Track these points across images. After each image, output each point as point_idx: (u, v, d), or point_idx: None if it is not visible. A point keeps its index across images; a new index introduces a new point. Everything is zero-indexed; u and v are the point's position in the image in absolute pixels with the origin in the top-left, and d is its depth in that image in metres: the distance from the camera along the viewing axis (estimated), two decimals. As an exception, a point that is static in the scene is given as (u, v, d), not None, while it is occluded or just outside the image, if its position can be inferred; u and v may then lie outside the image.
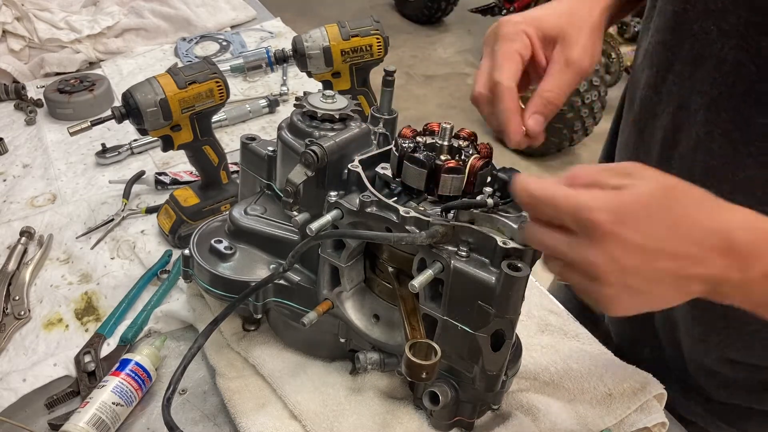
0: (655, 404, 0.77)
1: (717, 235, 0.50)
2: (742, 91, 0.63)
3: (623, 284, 0.51)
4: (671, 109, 0.71)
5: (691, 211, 0.51)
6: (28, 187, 1.22)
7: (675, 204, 0.51)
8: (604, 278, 0.51)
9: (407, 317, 0.67)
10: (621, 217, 0.50)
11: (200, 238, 0.82)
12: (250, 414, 0.75)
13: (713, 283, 0.51)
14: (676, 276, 0.51)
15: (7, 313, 0.94)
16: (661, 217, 0.50)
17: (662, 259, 0.50)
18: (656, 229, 0.50)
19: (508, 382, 0.72)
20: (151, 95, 0.94)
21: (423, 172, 0.65)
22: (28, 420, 0.80)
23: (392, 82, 0.77)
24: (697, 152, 0.69)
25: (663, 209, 0.51)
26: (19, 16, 1.61)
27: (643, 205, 0.51)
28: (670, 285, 0.51)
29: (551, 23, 0.69)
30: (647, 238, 0.50)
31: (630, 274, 0.51)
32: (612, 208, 0.50)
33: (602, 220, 0.49)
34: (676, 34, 0.69)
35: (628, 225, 0.50)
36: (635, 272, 0.51)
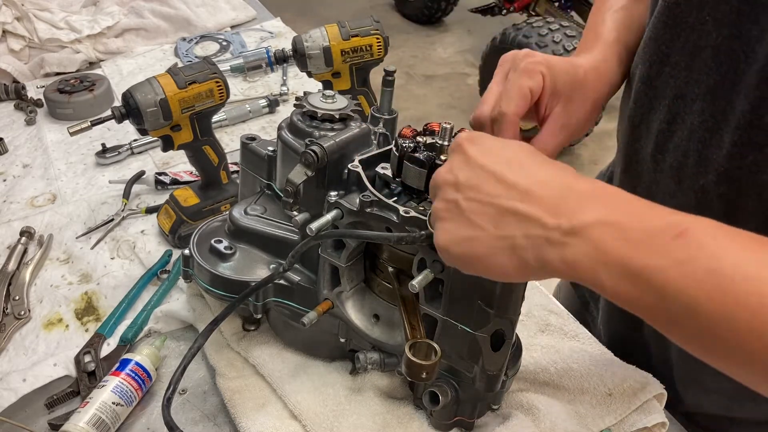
0: (655, 404, 0.77)
1: (558, 181, 0.49)
2: (735, 80, 0.64)
3: (452, 200, 0.52)
4: (667, 101, 0.72)
5: (547, 164, 0.52)
6: (28, 187, 1.22)
7: (535, 156, 0.53)
8: (440, 191, 0.53)
9: (407, 317, 0.67)
10: (475, 139, 0.54)
11: (200, 238, 0.82)
12: (250, 414, 0.75)
13: (538, 229, 0.47)
14: (497, 207, 0.49)
15: (7, 313, 0.94)
16: (511, 154, 0.52)
17: (490, 181, 0.51)
18: (499, 157, 0.52)
19: (508, 382, 0.72)
20: (151, 95, 0.94)
21: (423, 172, 0.65)
22: (28, 420, 0.80)
23: (392, 82, 0.77)
24: (690, 142, 0.69)
25: (519, 151, 0.53)
26: (19, 16, 1.61)
27: (504, 143, 0.54)
28: (490, 219, 0.49)
29: (565, 81, 0.70)
30: (485, 158, 0.52)
31: (459, 190, 0.51)
32: (475, 134, 0.55)
33: (460, 137, 0.55)
34: (670, 27, 0.70)
35: (477, 145, 0.53)
36: (463, 188, 0.51)
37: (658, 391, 0.77)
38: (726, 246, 0.43)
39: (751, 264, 0.42)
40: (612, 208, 0.47)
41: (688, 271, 0.42)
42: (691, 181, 0.70)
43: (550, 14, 3.52)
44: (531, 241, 0.48)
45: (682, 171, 0.71)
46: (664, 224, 0.44)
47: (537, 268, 0.49)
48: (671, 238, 0.43)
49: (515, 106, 0.66)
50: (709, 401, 0.83)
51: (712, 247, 0.42)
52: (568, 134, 0.71)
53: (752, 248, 0.43)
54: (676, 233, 0.43)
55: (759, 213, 0.65)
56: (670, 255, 0.43)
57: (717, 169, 0.66)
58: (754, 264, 0.42)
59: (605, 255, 0.45)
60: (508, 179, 0.50)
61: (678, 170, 0.71)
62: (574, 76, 0.71)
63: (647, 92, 0.75)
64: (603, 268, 0.45)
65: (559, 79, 0.70)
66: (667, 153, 0.73)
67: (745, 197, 0.65)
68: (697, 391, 0.84)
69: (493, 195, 0.50)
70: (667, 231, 0.44)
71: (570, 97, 0.71)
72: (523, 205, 0.49)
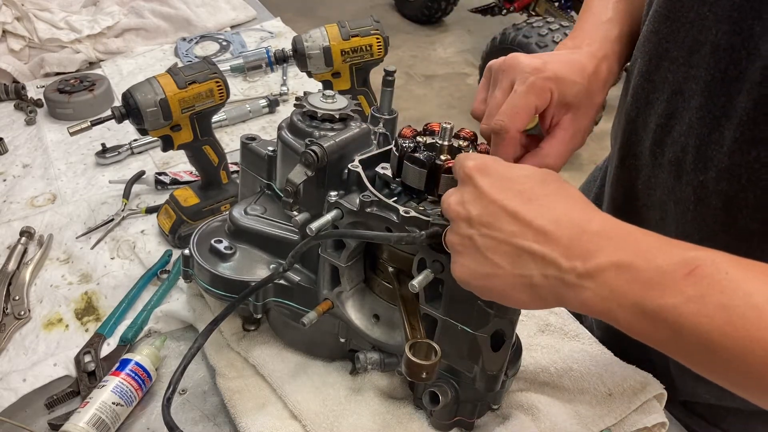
0: (655, 404, 0.77)
1: (571, 220, 0.49)
2: (735, 76, 0.64)
3: (466, 236, 0.51)
4: (666, 96, 0.72)
5: (558, 196, 0.51)
6: (28, 187, 1.22)
7: (547, 186, 0.52)
8: (453, 224, 0.52)
9: (407, 317, 0.67)
10: (485, 169, 0.52)
11: (200, 238, 0.82)
12: (250, 414, 0.75)
13: (555, 271, 0.48)
14: (514, 246, 0.49)
15: (7, 313, 0.94)
16: (523, 187, 0.51)
17: (504, 219, 0.50)
18: (511, 191, 0.51)
19: (508, 382, 0.72)
20: (151, 95, 0.94)
21: (423, 172, 0.65)
22: (28, 420, 0.80)
23: (392, 82, 0.77)
24: (689, 137, 0.69)
25: (530, 182, 0.52)
26: (19, 16, 1.61)
27: (515, 170, 0.53)
28: (507, 258, 0.50)
29: (574, 93, 0.70)
30: (496, 192, 0.51)
31: (473, 226, 0.51)
32: (484, 162, 0.53)
33: (468, 166, 0.53)
34: (670, 21, 0.70)
35: (488, 177, 0.52)
36: (477, 224, 0.50)
37: (658, 391, 0.77)
38: (738, 280, 0.43)
39: (764, 297, 0.42)
40: (624, 249, 0.47)
41: (701, 307, 0.43)
42: (690, 177, 0.70)
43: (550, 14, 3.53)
44: (548, 281, 0.49)
45: (681, 167, 0.71)
46: (676, 262, 0.45)
47: (555, 304, 0.50)
48: (683, 276, 0.44)
49: (519, 121, 0.66)
50: (705, 390, 0.84)
51: (724, 283, 0.43)
52: (579, 141, 0.72)
53: (766, 280, 0.43)
54: (688, 271, 0.44)
55: (762, 208, 0.64)
56: (682, 293, 0.43)
57: (717, 165, 0.66)
58: (766, 297, 0.42)
59: (620, 297, 0.46)
60: (523, 217, 0.49)
61: (677, 166, 0.71)
62: (581, 86, 0.70)
63: (645, 87, 0.75)
64: (618, 309, 0.46)
65: (568, 92, 0.69)
66: (666, 148, 0.73)
67: (746, 193, 0.65)
68: (693, 380, 0.84)
69: (508, 233, 0.50)
70: (679, 269, 0.44)
71: (579, 105, 0.71)
72: (539, 246, 0.49)
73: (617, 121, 0.87)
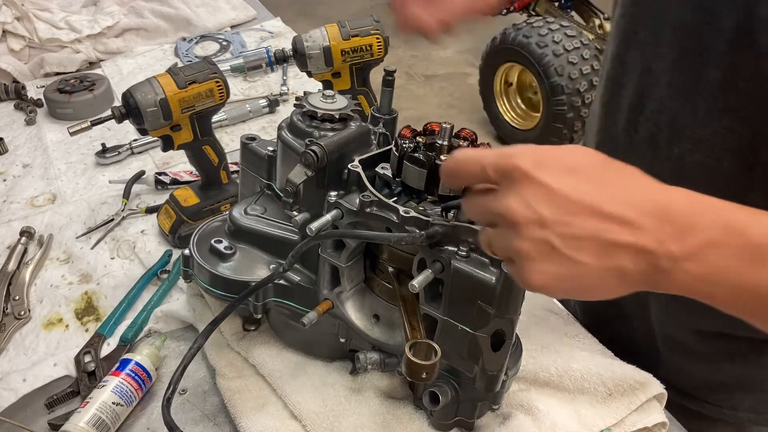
0: (655, 404, 0.77)
1: (652, 202, 0.46)
2: (700, 50, 0.65)
3: (540, 239, 0.46)
4: (636, 76, 0.74)
5: (626, 177, 0.49)
6: (28, 187, 1.22)
7: (609, 167, 0.49)
8: (520, 229, 0.47)
9: (407, 317, 0.67)
10: (543, 162, 0.47)
11: (200, 238, 0.82)
12: (250, 414, 0.75)
13: (647, 257, 0.46)
14: (600, 241, 0.46)
15: (7, 313, 0.94)
16: (588, 173, 0.48)
17: (583, 215, 0.46)
18: (579, 181, 0.47)
19: (508, 382, 0.72)
20: (151, 95, 0.94)
21: (423, 172, 0.64)
22: (28, 420, 0.80)
23: (392, 82, 0.77)
24: (661, 114, 0.70)
25: (593, 166, 0.48)
26: (19, 16, 1.61)
27: (570, 155, 0.48)
28: (593, 254, 0.46)
29: None
30: (567, 186, 0.46)
31: (547, 227, 0.46)
32: (535, 153, 0.48)
33: (521, 163, 0.47)
34: (636, 5, 0.73)
35: (550, 170, 0.47)
36: (552, 224, 0.46)
37: (658, 391, 0.77)
38: None
39: None
40: (715, 225, 0.46)
41: None
42: (666, 151, 0.72)
43: (550, 14, 3.52)
44: (640, 269, 0.46)
45: (656, 142, 0.72)
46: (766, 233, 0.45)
47: (646, 288, 0.48)
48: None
49: None
50: (691, 365, 0.85)
51: None
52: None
53: None
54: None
55: (737, 176, 0.65)
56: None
57: (691, 136, 0.68)
58: None
59: (717, 275, 0.45)
60: (602, 209, 0.46)
61: (652, 142, 0.73)
62: None
63: (617, 69, 0.77)
64: (716, 288, 0.46)
65: None
66: (639, 126, 0.74)
67: (721, 162, 0.67)
68: (680, 355, 0.86)
69: (590, 229, 0.46)
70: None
71: None
72: (627, 236, 0.46)
73: (591, 111, 0.88)
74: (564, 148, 0.50)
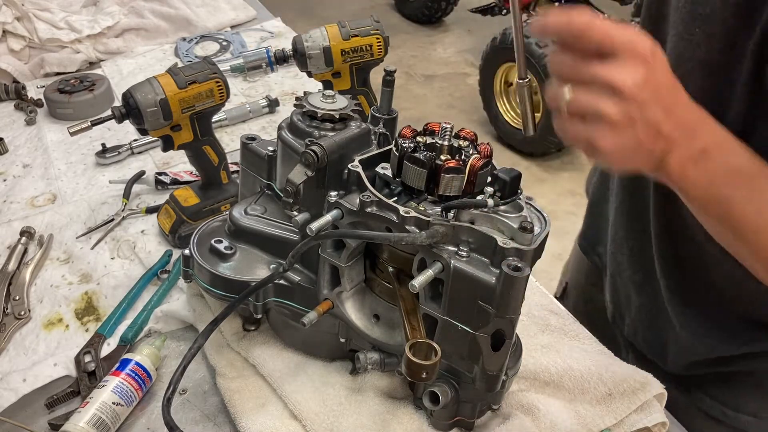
0: (655, 404, 0.77)
1: (688, 121, 0.60)
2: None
3: (629, 113, 0.56)
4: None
5: (681, 94, 0.61)
6: (28, 187, 1.22)
7: (678, 89, 0.61)
8: (623, 97, 0.56)
9: (407, 317, 0.67)
10: (657, 57, 0.58)
11: (200, 238, 0.82)
12: (250, 414, 0.75)
13: (667, 147, 0.59)
14: (657, 131, 0.58)
15: (7, 313, 0.94)
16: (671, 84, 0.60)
17: (660, 109, 0.58)
18: (664, 83, 0.59)
19: (508, 382, 0.72)
20: (151, 95, 0.94)
21: (423, 172, 0.65)
22: (28, 420, 0.80)
23: (392, 82, 0.77)
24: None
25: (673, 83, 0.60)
26: (19, 16, 1.61)
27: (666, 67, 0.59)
28: (649, 138, 0.58)
29: None
30: (663, 86, 0.58)
31: (640, 107, 0.56)
32: (654, 47, 0.58)
33: (648, 49, 0.57)
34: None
35: (659, 66, 0.58)
36: (643, 106, 0.56)
37: (658, 391, 0.77)
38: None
39: None
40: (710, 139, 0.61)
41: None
42: None
43: (550, 14, 3.52)
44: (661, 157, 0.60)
45: None
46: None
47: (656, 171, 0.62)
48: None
49: None
50: (701, 342, 0.88)
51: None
52: None
53: None
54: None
55: None
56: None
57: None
58: None
59: (702, 177, 0.61)
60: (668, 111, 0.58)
61: None
62: None
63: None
64: (697, 189, 0.62)
65: None
66: None
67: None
68: (691, 331, 0.87)
69: (657, 122, 0.58)
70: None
71: None
72: (668, 134, 0.58)
73: None
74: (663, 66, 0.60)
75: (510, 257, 0.60)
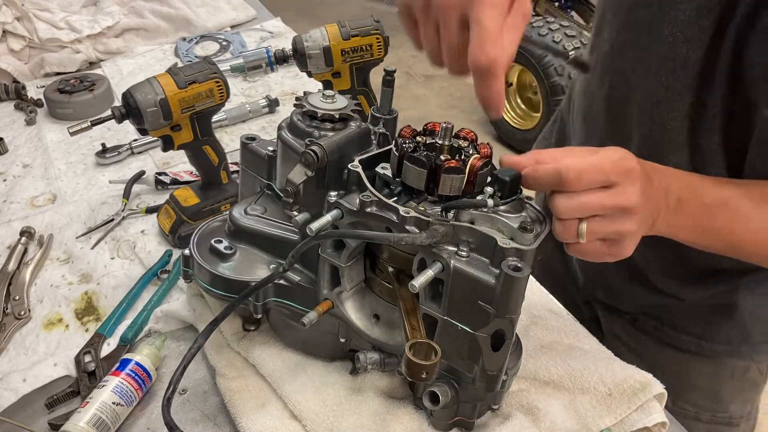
0: (655, 404, 0.77)
1: (662, 182, 0.68)
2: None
3: (641, 216, 0.64)
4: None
5: (655, 177, 0.67)
6: (28, 187, 1.22)
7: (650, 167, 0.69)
8: (633, 214, 0.63)
9: (407, 317, 0.67)
10: (642, 167, 0.65)
11: (200, 238, 0.82)
12: (250, 414, 0.75)
13: (656, 216, 0.67)
14: (647, 219, 0.66)
15: (7, 313, 0.94)
16: (648, 171, 0.67)
17: (652, 200, 0.66)
18: (649, 178, 0.66)
19: (508, 382, 0.72)
20: (151, 95, 0.94)
21: (423, 172, 0.65)
22: (28, 420, 0.80)
23: (392, 82, 0.77)
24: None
25: (647, 167, 0.67)
26: (19, 16, 1.61)
27: (639, 161, 0.66)
28: (643, 225, 0.66)
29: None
30: (647, 182, 0.65)
31: (643, 209, 0.64)
32: (633, 157, 0.65)
33: (636, 166, 0.64)
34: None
35: (642, 171, 0.65)
36: (643, 207, 0.64)
37: (658, 391, 0.77)
38: (750, 208, 0.72)
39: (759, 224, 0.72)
40: (682, 190, 0.69)
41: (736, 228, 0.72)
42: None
43: (550, 14, 3.52)
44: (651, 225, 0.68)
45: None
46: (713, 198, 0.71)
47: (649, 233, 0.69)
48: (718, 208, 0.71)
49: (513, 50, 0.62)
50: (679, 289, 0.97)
51: (746, 212, 0.72)
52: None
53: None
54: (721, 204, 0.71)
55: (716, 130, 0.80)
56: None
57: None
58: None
59: (685, 221, 0.71)
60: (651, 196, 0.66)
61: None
62: None
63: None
64: (684, 231, 0.72)
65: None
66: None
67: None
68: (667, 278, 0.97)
69: (649, 212, 0.66)
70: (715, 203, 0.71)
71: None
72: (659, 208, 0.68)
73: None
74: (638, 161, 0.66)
75: (510, 257, 0.60)
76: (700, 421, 1.02)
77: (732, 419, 1.03)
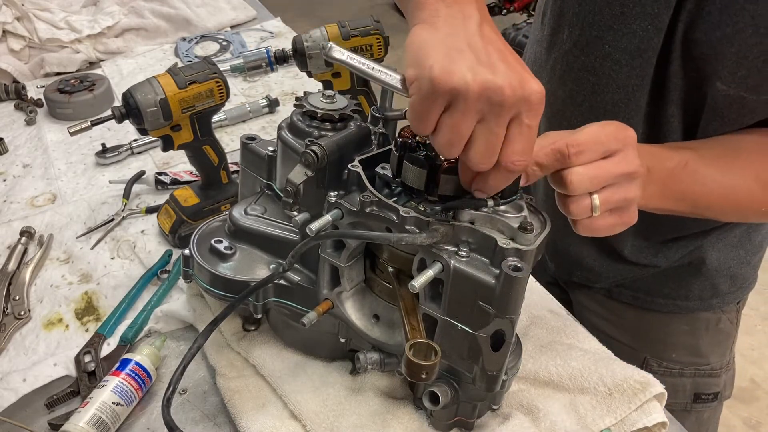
0: (655, 404, 0.77)
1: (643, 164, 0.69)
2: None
3: (642, 180, 0.67)
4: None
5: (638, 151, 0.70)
6: (28, 187, 1.22)
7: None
8: (637, 175, 0.66)
9: (407, 317, 0.67)
10: (630, 129, 0.68)
11: (200, 238, 0.82)
12: (250, 414, 0.75)
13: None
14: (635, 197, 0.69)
15: (7, 313, 0.94)
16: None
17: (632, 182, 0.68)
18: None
19: (508, 382, 0.72)
20: (151, 95, 0.94)
21: (423, 172, 0.65)
22: (28, 420, 0.80)
23: (392, 82, 0.77)
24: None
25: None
26: (19, 16, 1.61)
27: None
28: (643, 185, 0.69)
29: None
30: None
31: (642, 173, 0.67)
32: (627, 127, 0.67)
33: (632, 132, 0.67)
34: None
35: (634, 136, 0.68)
36: (642, 170, 0.67)
37: (659, 391, 0.77)
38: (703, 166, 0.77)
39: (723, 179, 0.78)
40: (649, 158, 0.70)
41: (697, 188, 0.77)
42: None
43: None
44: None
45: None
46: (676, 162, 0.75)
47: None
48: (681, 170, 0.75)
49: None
50: (652, 256, 1.02)
51: (702, 171, 0.77)
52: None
53: (723, 167, 0.78)
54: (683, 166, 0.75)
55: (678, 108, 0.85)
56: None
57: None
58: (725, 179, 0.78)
59: (654, 187, 0.72)
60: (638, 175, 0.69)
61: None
62: None
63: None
64: (654, 198, 0.73)
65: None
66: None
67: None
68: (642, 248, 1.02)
69: (634, 190, 0.68)
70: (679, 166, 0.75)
71: None
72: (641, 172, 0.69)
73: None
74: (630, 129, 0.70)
75: (510, 257, 0.60)
76: (684, 377, 1.08)
77: (713, 370, 1.08)
